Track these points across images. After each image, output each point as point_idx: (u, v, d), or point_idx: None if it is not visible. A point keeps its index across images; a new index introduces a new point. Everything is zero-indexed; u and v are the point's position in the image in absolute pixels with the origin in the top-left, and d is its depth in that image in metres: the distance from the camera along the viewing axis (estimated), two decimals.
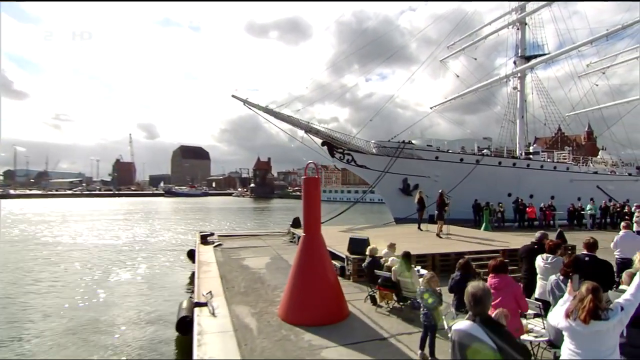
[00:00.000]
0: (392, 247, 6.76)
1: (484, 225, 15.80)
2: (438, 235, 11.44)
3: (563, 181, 24.81)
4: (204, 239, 12.60)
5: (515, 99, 27.43)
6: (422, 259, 8.28)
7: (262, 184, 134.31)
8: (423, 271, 5.85)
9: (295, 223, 15.40)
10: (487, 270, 4.35)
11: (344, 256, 8.26)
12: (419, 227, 13.55)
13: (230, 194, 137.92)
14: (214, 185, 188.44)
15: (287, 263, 8.56)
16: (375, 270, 6.28)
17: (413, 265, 5.72)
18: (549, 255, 5.53)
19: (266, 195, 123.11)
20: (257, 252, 10.20)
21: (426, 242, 10.33)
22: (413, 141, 21.85)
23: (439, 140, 25.31)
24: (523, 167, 23.97)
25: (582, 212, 20.78)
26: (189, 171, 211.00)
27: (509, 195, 23.91)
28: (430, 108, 29.91)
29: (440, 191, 12.68)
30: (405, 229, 14.18)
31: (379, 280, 6.15)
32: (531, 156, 25.44)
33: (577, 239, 8.14)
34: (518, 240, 10.66)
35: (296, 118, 18.98)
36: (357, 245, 8.56)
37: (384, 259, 6.43)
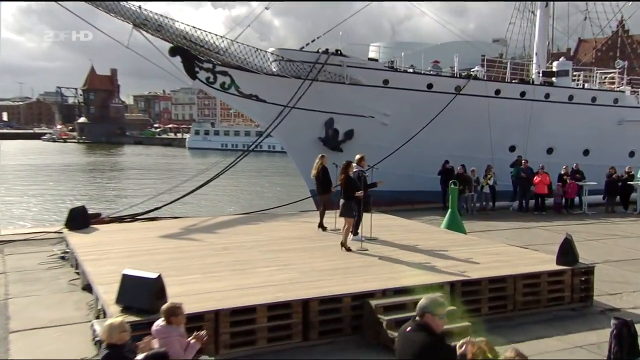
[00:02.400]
0: None
1: (448, 212, 14.96)
2: (343, 246, 10.43)
3: (606, 123, 25.44)
4: None
5: None
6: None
7: (102, 117, 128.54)
8: None
9: (75, 218, 12.61)
10: None
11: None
12: (319, 225, 12.78)
13: (40, 136, 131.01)
14: (5, 117, 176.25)
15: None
16: None
17: None
18: None
19: (110, 139, 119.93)
20: None
21: (296, 269, 9.07)
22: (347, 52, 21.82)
23: (413, 44, 23.94)
24: (538, 100, 24.27)
25: (632, 184, 20.95)
26: None
27: (512, 150, 23.92)
28: None
29: (345, 162, 11.35)
30: (303, 226, 13.55)
31: None
32: (554, 79, 26.06)
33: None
34: (519, 259, 10.71)
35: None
36: (134, 295, 6.73)
37: None
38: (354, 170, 11.18)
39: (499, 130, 22.83)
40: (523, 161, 21.26)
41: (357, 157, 11.89)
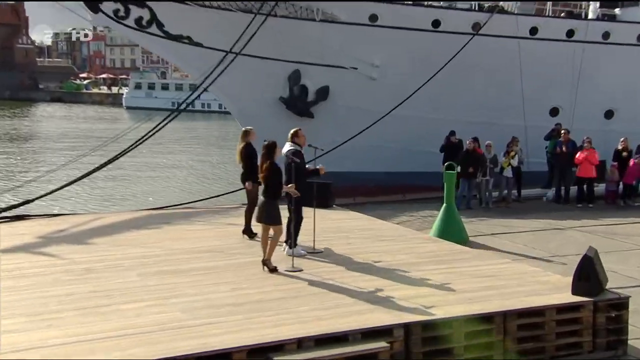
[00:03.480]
0: None
1: (442, 208, 14.87)
2: (266, 265, 10.39)
3: None
4: None
5: None
6: None
7: (4, 63, 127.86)
8: None
9: None
10: None
11: None
12: (244, 230, 12.67)
13: None
14: None
15: None
16: None
17: None
18: None
19: (15, 95, 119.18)
20: None
21: (181, 305, 8.95)
22: None
23: None
24: (593, 42, 24.08)
25: None
26: None
27: (554, 113, 24.17)
28: None
29: (268, 143, 10.96)
30: (223, 231, 13.59)
31: None
32: (617, 11, 26.08)
33: None
34: (520, 283, 10.55)
35: None
36: None
37: None
38: (288, 151, 10.73)
39: (535, 86, 22.77)
40: (562, 131, 20.82)
41: (291, 132, 11.45)
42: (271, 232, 10.15)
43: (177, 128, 44.21)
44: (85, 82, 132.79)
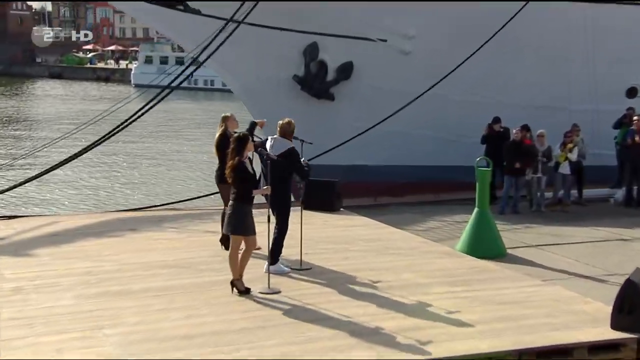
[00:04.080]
0: None
1: (475, 211, 14.76)
2: (235, 286, 10.43)
3: None
4: None
5: None
6: None
7: None
8: None
9: None
10: None
11: None
12: (222, 239, 12.94)
13: None
14: None
15: None
16: None
17: None
18: None
19: (8, 70, 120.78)
20: None
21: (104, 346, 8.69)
22: None
23: None
24: None
25: None
26: None
27: (632, 94, 23.91)
28: None
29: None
30: (199, 240, 13.92)
31: None
32: None
33: None
34: (549, 313, 10.12)
35: None
36: None
37: None
38: (263, 141, 10.90)
39: (608, 62, 22.36)
40: (635, 118, 20.23)
41: (281, 123, 11.31)
42: (243, 244, 10.05)
43: (174, 109, 43.93)
44: (90, 55, 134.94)
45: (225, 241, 12.18)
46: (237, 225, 9.84)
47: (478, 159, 15.39)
